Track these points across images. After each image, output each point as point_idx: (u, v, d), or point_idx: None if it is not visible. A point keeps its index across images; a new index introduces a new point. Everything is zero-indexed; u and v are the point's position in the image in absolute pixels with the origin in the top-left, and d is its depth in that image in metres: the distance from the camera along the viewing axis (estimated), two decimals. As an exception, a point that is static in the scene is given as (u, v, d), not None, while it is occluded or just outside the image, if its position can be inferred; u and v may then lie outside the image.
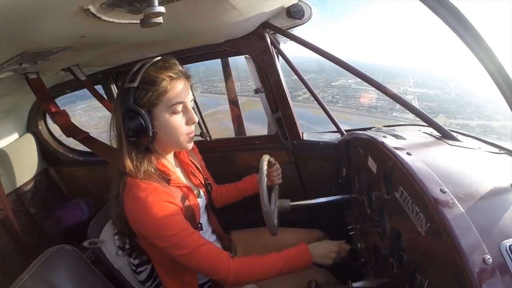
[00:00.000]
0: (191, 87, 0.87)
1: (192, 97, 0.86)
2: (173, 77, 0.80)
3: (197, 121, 0.86)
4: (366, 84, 1.07)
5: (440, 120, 1.04)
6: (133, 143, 0.81)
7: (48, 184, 1.85)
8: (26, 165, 1.72)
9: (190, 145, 0.89)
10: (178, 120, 0.82)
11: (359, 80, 1.09)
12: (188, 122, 0.85)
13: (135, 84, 0.77)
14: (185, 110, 0.84)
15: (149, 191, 0.78)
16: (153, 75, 0.78)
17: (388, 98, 1.05)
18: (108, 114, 0.82)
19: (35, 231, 1.66)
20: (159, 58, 0.83)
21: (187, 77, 0.85)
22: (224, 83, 1.64)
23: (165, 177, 0.86)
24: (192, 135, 0.87)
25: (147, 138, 0.80)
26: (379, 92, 1.05)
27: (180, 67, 0.84)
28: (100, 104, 1.38)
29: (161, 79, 0.78)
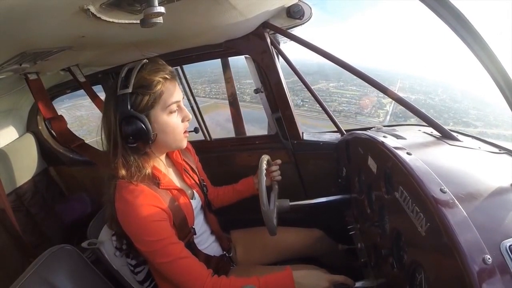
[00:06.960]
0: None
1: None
2: (167, 78, 0.81)
3: (191, 118, 0.88)
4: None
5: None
6: (132, 148, 0.81)
7: (48, 184, 1.85)
8: (26, 165, 1.72)
9: (185, 143, 0.91)
10: (174, 119, 0.84)
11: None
12: (184, 119, 0.86)
13: (130, 90, 0.77)
14: (179, 108, 0.86)
15: (136, 193, 0.79)
16: (147, 78, 0.78)
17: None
18: (85, 114, 0.82)
19: (35, 231, 1.66)
20: (146, 60, 0.82)
21: (174, 76, 0.86)
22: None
23: (156, 180, 0.85)
24: (187, 133, 0.89)
25: (148, 142, 0.80)
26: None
27: (169, 67, 0.84)
28: (82, 103, 1.38)
29: (156, 82, 0.78)
